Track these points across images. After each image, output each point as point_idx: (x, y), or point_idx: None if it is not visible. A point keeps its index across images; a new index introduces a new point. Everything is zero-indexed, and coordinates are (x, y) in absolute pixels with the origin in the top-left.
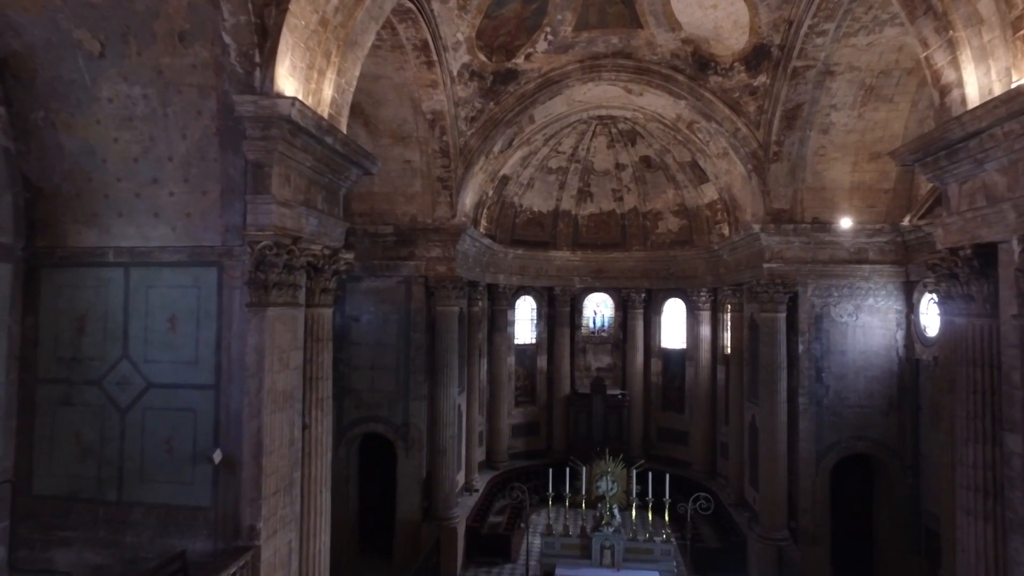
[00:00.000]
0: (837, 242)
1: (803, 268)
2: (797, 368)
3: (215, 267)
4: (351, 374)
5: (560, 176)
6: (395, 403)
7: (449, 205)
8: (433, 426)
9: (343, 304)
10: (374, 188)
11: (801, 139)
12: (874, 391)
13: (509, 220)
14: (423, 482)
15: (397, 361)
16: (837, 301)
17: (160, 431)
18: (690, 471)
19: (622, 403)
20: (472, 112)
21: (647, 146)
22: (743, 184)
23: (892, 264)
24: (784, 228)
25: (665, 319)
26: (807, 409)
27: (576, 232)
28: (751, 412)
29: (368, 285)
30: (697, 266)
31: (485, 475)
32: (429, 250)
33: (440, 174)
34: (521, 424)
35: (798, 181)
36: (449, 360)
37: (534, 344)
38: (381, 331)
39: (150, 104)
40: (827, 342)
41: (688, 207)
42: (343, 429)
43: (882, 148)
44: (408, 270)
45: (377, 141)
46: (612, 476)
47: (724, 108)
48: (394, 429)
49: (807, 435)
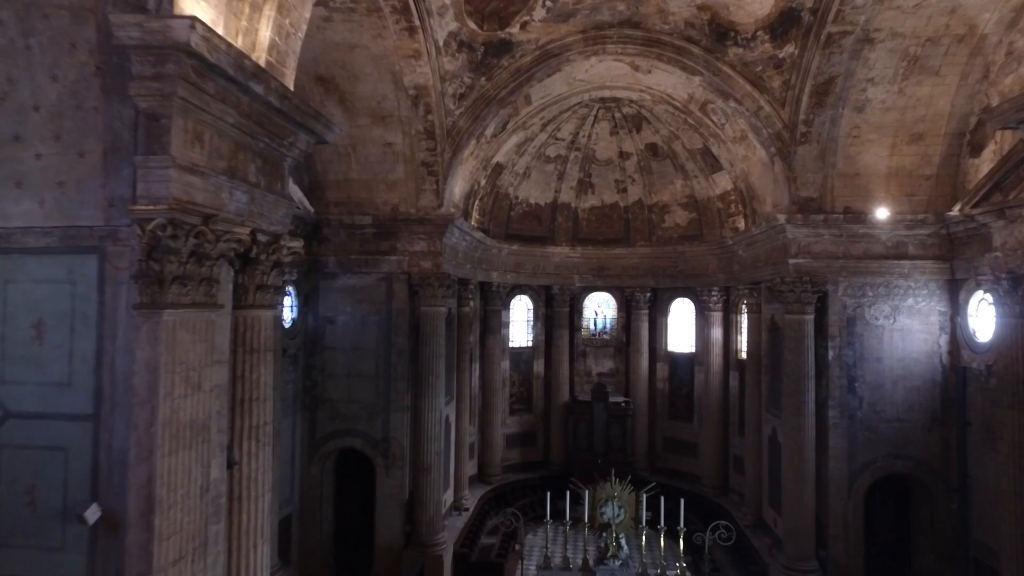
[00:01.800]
0: (872, 235)
1: (834, 264)
2: (826, 377)
3: (95, 255)
4: (325, 382)
5: (559, 165)
6: (374, 415)
7: (435, 193)
8: (417, 441)
9: (316, 304)
10: (351, 174)
11: (833, 118)
12: (914, 403)
13: (504, 213)
14: (405, 504)
15: (376, 368)
16: (872, 301)
17: (20, 477)
18: (700, 486)
19: (625, 411)
20: (461, 88)
21: (654, 132)
22: (763, 171)
23: (935, 260)
24: (813, 219)
25: (672, 320)
26: (838, 423)
27: (576, 226)
28: (771, 424)
29: (344, 283)
30: (708, 263)
31: (476, 490)
32: (412, 244)
33: (425, 158)
34: (516, 434)
35: (828, 166)
36: (435, 367)
37: (530, 347)
38: (359, 334)
39: (6, 33)
40: (860, 348)
41: (698, 199)
42: (316, 444)
43: (924, 129)
44: (389, 266)
45: (355, 121)
46: (619, 501)
47: (744, 84)
48: (373, 444)
49: (838, 453)
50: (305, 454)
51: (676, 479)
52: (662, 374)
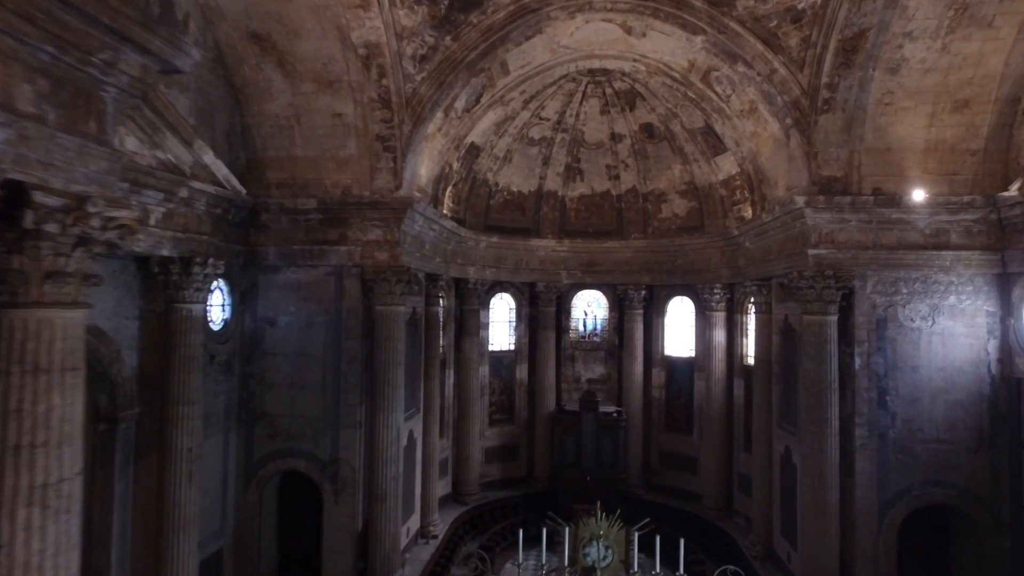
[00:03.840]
0: (908, 220)
1: (861, 255)
2: (852, 389)
3: None
4: (264, 394)
5: (544, 148)
6: (321, 432)
7: (392, 172)
8: (371, 463)
9: (254, 302)
10: (295, 151)
11: (861, 81)
12: (957, 421)
13: (482, 201)
14: (358, 536)
15: (324, 377)
16: (907, 300)
17: None
18: (700, 506)
19: (617, 422)
20: (422, 49)
21: (649, 110)
22: (776, 148)
23: (982, 250)
24: (837, 201)
25: (669, 321)
26: (866, 444)
27: (563, 217)
28: (784, 442)
29: (287, 277)
30: (709, 257)
31: (449, 512)
32: (366, 232)
33: (380, 131)
34: (496, 447)
35: (855, 139)
36: (391, 376)
37: (513, 351)
38: (304, 338)
39: None
40: (893, 354)
41: (699, 186)
42: (253, 466)
43: (971, 94)
44: (339, 258)
45: (297, 88)
46: (606, 541)
47: (756, 42)
48: (320, 467)
49: (866, 479)
50: (240, 478)
51: (674, 498)
52: (658, 381)
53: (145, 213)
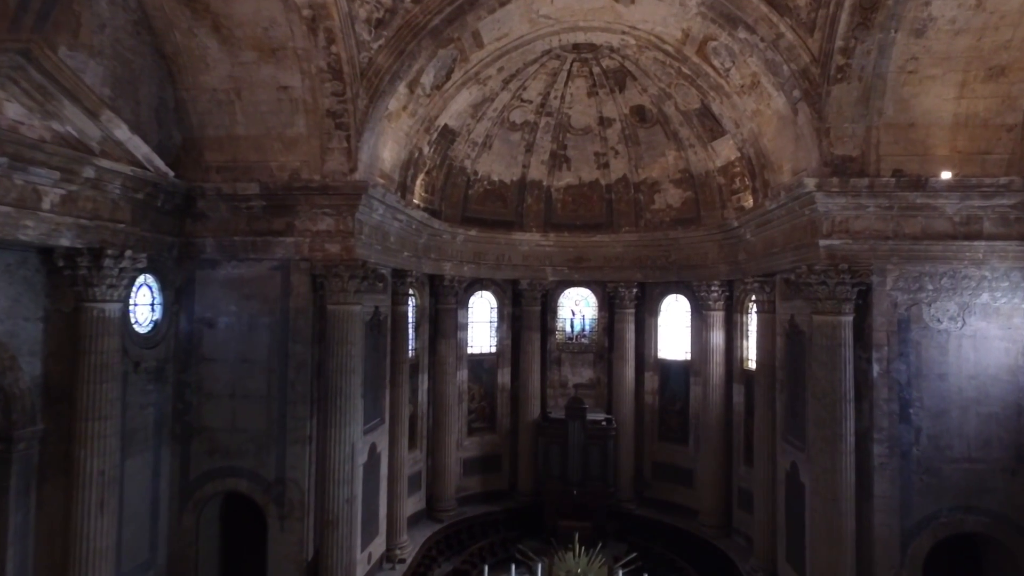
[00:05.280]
0: (934, 206)
1: (880, 247)
2: (870, 400)
3: None
4: (202, 405)
5: (526, 134)
6: (266, 449)
7: (346, 154)
8: (322, 483)
9: (191, 301)
10: (237, 129)
11: (881, 45)
12: (992, 437)
13: (459, 191)
14: (307, 566)
15: (269, 386)
16: (933, 297)
17: None
18: (696, 523)
19: (607, 431)
20: (378, 12)
21: (640, 91)
22: (780, 127)
23: (1020, 240)
24: (854, 184)
25: (663, 321)
26: (886, 464)
27: (549, 209)
28: (790, 457)
29: (228, 273)
30: (707, 252)
31: (421, 531)
32: (315, 221)
33: (331, 106)
34: (476, 458)
35: (873, 113)
36: (345, 385)
37: (494, 354)
38: (246, 341)
39: None
40: (917, 361)
41: (695, 173)
42: (190, 486)
43: (1009, 59)
44: (285, 250)
45: (236, 57)
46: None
47: (759, 3)
48: (264, 488)
49: (887, 504)
50: (175, 500)
51: (668, 513)
52: (651, 386)
53: (36, 195)
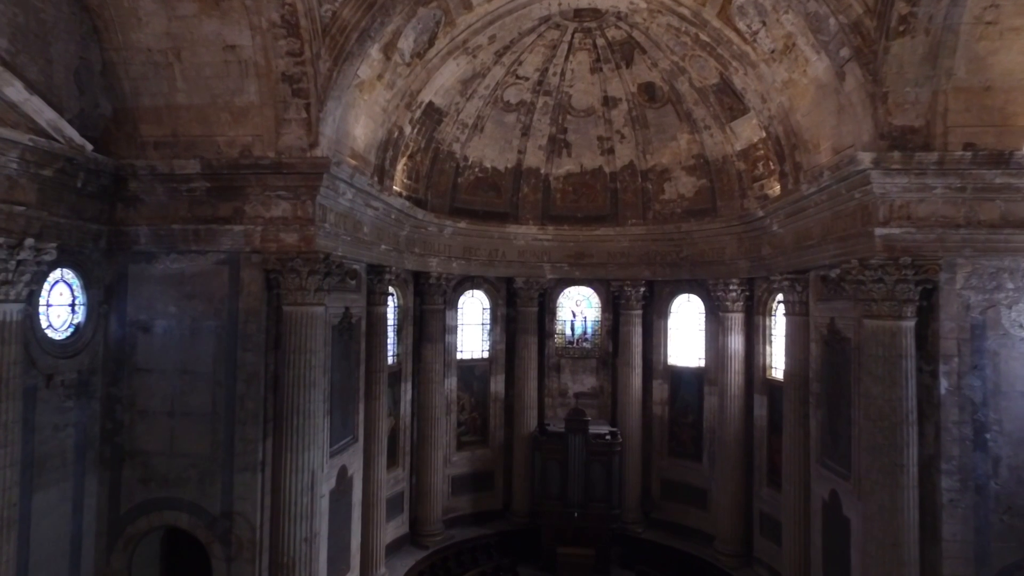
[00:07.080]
0: (1018, 187)
1: (950, 236)
2: (936, 422)
3: None
4: (135, 424)
5: (523, 115)
6: (210, 477)
7: (305, 126)
8: (277, 517)
9: (122, 301)
10: (177, 97)
11: None
12: None
13: (447, 179)
14: None
15: (215, 402)
16: (1014, 298)
17: None
18: (711, 550)
19: (611, 445)
20: None
21: (650, 66)
22: (819, 98)
23: None
24: (920, 160)
25: (674, 324)
26: (957, 500)
27: (547, 199)
28: (829, 485)
29: (166, 268)
30: (724, 246)
31: (403, 560)
32: (269, 206)
33: (287, 68)
34: (466, 475)
35: (941, 74)
36: (304, 401)
37: (486, 359)
38: (188, 349)
39: None
40: (994, 374)
41: (710, 159)
42: (119, 521)
43: None
44: (233, 241)
45: (174, 10)
46: None
47: None
48: (208, 523)
49: (958, 550)
50: (102, 538)
51: (679, 537)
52: (660, 396)
53: None
